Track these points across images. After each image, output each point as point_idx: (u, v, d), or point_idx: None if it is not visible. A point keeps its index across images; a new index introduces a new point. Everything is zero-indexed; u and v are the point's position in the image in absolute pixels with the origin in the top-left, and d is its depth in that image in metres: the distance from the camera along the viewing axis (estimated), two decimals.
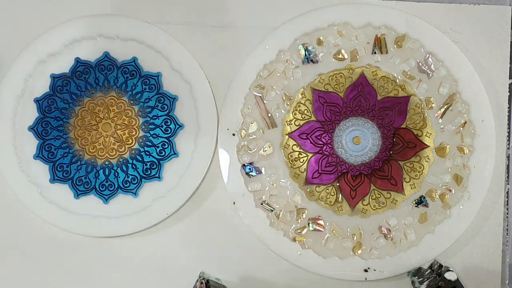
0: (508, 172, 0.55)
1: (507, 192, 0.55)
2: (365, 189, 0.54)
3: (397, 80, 0.54)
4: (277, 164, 0.55)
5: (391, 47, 0.54)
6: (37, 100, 0.56)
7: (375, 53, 0.54)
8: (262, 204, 0.54)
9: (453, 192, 0.53)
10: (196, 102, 0.55)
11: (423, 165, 0.54)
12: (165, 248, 0.56)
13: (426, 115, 0.54)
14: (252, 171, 0.54)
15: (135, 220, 0.55)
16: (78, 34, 0.56)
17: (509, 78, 0.55)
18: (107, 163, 0.55)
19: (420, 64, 0.54)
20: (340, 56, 0.54)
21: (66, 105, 0.56)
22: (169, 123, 0.55)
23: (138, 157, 0.55)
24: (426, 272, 0.52)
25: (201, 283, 0.51)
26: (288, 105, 0.55)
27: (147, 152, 0.55)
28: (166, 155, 0.55)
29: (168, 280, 0.56)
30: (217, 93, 0.56)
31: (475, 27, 0.56)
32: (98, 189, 0.55)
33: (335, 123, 0.54)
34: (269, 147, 0.55)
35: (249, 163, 0.55)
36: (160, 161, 0.55)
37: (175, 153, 0.55)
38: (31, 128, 0.55)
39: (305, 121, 0.55)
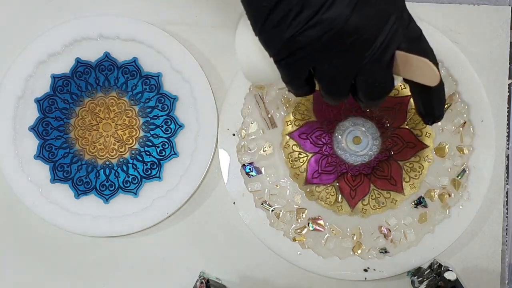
0: (507, 172, 0.55)
1: (507, 192, 0.55)
2: (365, 189, 0.54)
3: None
4: (277, 164, 0.55)
5: None
6: (37, 100, 0.56)
7: None
8: (262, 204, 0.54)
9: (452, 193, 0.53)
10: (196, 102, 0.55)
11: (422, 165, 0.54)
12: (165, 248, 0.56)
13: None
14: (252, 171, 0.55)
15: (135, 220, 0.55)
16: (78, 34, 0.56)
17: (509, 79, 0.56)
18: (107, 163, 0.55)
19: None
20: None
21: (66, 105, 0.56)
22: (169, 123, 0.55)
23: (138, 157, 0.55)
24: (426, 272, 0.52)
25: (201, 283, 0.51)
26: (288, 105, 0.55)
27: (147, 152, 0.55)
28: (166, 155, 0.55)
29: (168, 280, 0.56)
30: (217, 93, 0.56)
31: (475, 27, 0.56)
32: (98, 189, 0.55)
33: (335, 123, 0.54)
34: (269, 147, 0.55)
35: (249, 163, 0.55)
36: (161, 161, 0.55)
37: (175, 153, 0.55)
38: (31, 128, 0.56)
39: (305, 121, 0.55)
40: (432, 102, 0.38)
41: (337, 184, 0.54)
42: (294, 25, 0.33)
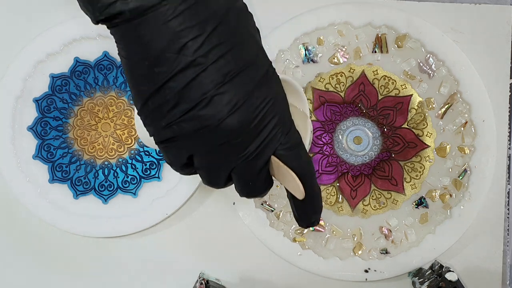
0: (509, 172, 0.55)
1: (508, 193, 0.55)
2: (366, 189, 0.54)
3: (398, 80, 0.54)
4: None
5: (391, 46, 0.54)
6: (36, 100, 0.55)
7: (375, 52, 0.54)
8: (262, 204, 0.54)
9: (453, 194, 0.53)
10: None
11: (423, 165, 0.54)
12: (165, 249, 0.56)
13: (426, 115, 0.54)
14: None
15: (135, 220, 0.55)
16: (78, 33, 0.55)
17: (510, 78, 0.55)
18: (106, 163, 0.55)
19: (421, 64, 0.54)
20: (336, 60, 0.54)
21: (65, 105, 0.55)
22: None
23: (137, 157, 0.55)
24: (427, 273, 0.52)
25: (201, 283, 0.51)
26: None
27: (146, 152, 0.55)
28: None
29: (168, 280, 0.56)
30: None
31: (476, 26, 0.55)
32: (97, 189, 0.55)
33: (335, 123, 0.54)
34: None
35: None
36: (160, 161, 0.55)
37: None
38: (30, 128, 0.55)
39: None
40: (305, 209, 0.37)
41: (338, 184, 0.54)
42: (170, 116, 0.33)
